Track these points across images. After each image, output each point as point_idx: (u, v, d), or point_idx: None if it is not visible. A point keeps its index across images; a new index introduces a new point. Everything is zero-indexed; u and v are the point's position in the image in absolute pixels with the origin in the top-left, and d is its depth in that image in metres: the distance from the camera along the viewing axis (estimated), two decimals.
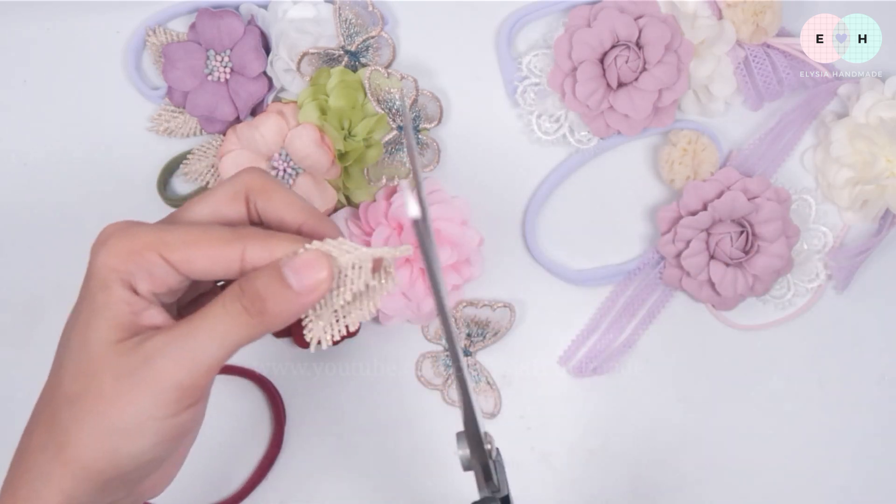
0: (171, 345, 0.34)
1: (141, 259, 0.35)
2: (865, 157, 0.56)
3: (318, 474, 0.56)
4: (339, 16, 0.55)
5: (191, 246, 0.36)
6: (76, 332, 0.36)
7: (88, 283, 0.36)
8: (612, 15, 0.54)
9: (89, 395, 0.34)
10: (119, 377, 0.34)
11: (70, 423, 0.35)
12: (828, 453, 0.58)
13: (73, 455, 0.35)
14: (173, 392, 0.34)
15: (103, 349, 0.35)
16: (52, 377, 0.36)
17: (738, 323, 0.58)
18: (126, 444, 0.34)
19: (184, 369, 0.34)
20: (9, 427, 0.55)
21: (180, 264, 0.36)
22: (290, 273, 0.35)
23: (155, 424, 0.34)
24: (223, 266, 0.36)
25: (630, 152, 0.58)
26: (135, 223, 0.37)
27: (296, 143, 0.53)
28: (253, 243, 0.36)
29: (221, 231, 0.36)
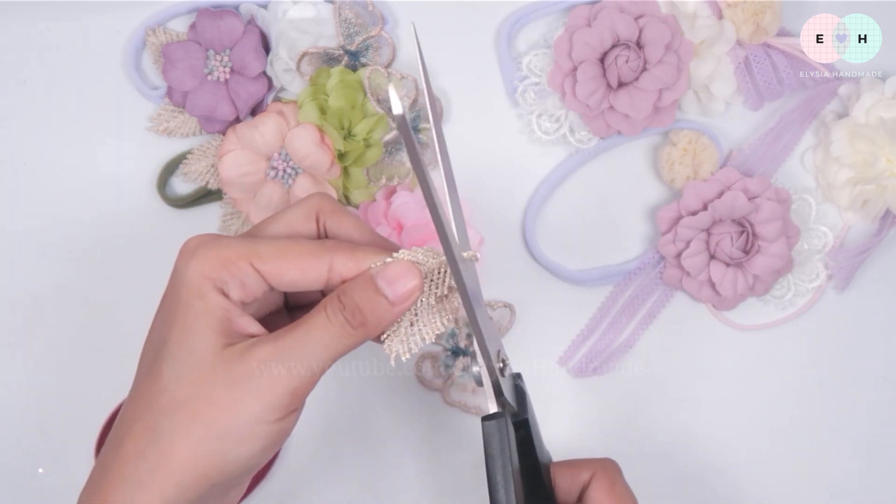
0: (281, 353, 0.36)
1: (234, 268, 0.37)
2: (865, 157, 0.56)
3: (318, 474, 0.56)
4: (339, 16, 0.55)
5: (281, 258, 0.38)
6: (175, 340, 0.36)
7: (179, 291, 0.37)
8: (613, 15, 0.54)
9: (199, 401, 0.36)
10: (231, 384, 0.36)
11: (176, 429, 0.35)
12: (828, 453, 0.58)
13: (181, 461, 0.35)
14: (284, 398, 0.36)
15: (210, 356, 0.36)
16: (149, 385, 0.37)
17: (738, 323, 0.58)
18: (236, 449, 0.36)
19: (296, 377, 0.36)
20: (9, 427, 0.55)
21: (271, 275, 0.37)
22: (384, 284, 0.37)
23: (264, 429, 0.36)
24: (312, 277, 0.38)
25: (630, 152, 0.58)
26: (220, 235, 0.38)
27: (296, 143, 0.53)
28: (340, 255, 0.38)
29: (309, 244, 0.38)
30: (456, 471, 0.56)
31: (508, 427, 0.39)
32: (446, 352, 0.56)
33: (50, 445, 0.55)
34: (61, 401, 0.55)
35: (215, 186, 0.56)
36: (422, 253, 0.39)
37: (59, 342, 0.56)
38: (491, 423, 0.39)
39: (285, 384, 0.36)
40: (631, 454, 0.57)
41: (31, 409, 0.55)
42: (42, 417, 0.55)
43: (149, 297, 0.41)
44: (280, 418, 0.36)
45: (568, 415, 0.57)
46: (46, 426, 0.55)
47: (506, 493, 0.38)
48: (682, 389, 0.58)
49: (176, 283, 0.37)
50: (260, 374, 0.36)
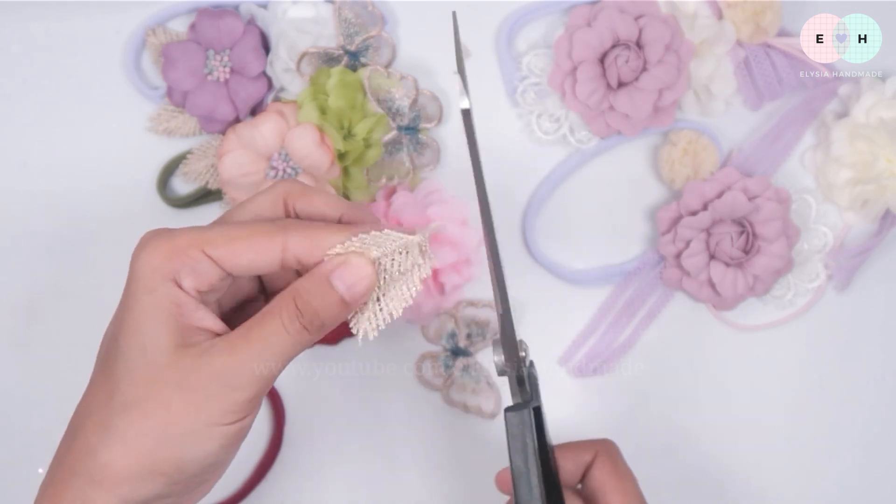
0: (238, 364, 0.36)
1: (185, 256, 0.36)
2: (865, 157, 0.56)
3: (318, 474, 0.56)
4: (339, 15, 0.55)
5: (233, 240, 0.37)
6: (127, 338, 0.36)
7: (131, 286, 0.36)
8: (613, 15, 0.54)
9: (152, 403, 0.35)
10: (186, 389, 0.35)
11: (129, 429, 0.35)
12: (828, 453, 0.58)
13: (135, 460, 0.35)
14: (241, 404, 0.36)
15: (163, 357, 0.36)
16: (102, 382, 0.36)
17: (738, 323, 0.58)
18: (193, 450, 0.36)
19: (251, 382, 0.36)
20: (8, 427, 0.55)
21: (224, 259, 0.36)
22: (342, 286, 0.37)
23: (221, 430, 0.36)
24: (267, 258, 0.37)
25: (630, 152, 0.58)
26: (173, 228, 0.37)
27: (295, 143, 0.53)
28: (294, 234, 0.37)
29: (263, 225, 0.37)
30: (456, 470, 0.56)
31: (531, 416, 0.39)
32: (446, 352, 0.56)
33: (50, 445, 0.55)
34: (61, 401, 0.55)
35: (215, 186, 0.56)
36: (382, 237, 0.38)
37: (59, 342, 0.56)
38: (516, 414, 0.39)
39: (242, 392, 0.36)
40: (631, 454, 0.57)
41: (31, 409, 0.55)
42: (42, 417, 0.55)
43: None
44: (237, 420, 0.36)
45: (568, 415, 0.57)
46: (46, 426, 0.55)
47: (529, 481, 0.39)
48: (682, 389, 0.58)
49: (129, 278, 0.37)
50: (213, 381, 0.35)
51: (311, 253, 0.37)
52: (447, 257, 0.53)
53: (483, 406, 0.56)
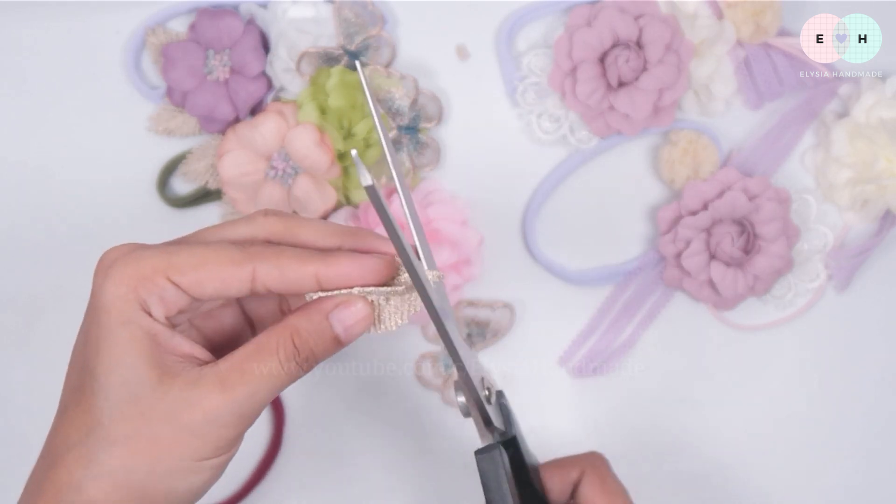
0: (228, 397, 0.35)
1: (151, 284, 0.35)
2: (865, 157, 0.56)
3: (318, 474, 0.56)
4: (339, 15, 0.55)
5: (199, 268, 0.35)
6: (105, 371, 0.35)
7: (100, 315, 0.35)
8: (613, 15, 0.54)
9: (139, 439, 0.34)
10: (174, 424, 0.34)
11: (117, 464, 0.34)
12: (828, 453, 0.58)
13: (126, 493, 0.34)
14: (231, 440, 0.36)
15: (147, 391, 0.34)
16: (81, 415, 0.35)
17: (738, 323, 0.58)
18: (180, 484, 0.35)
19: (242, 419, 0.35)
20: (8, 426, 0.55)
21: (190, 287, 0.35)
22: (339, 326, 0.36)
23: (208, 464, 0.35)
24: (234, 287, 0.36)
25: (630, 152, 0.58)
26: (139, 246, 0.36)
27: (295, 143, 0.53)
28: (263, 263, 0.35)
29: (230, 251, 0.36)
30: (455, 470, 0.56)
31: (503, 456, 0.39)
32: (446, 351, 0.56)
33: None
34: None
35: (215, 186, 0.56)
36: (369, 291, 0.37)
37: (59, 342, 0.56)
38: (485, 457, 0.39)
39: (233, 429, 0.35)
40: (631, 453, 0.57)
41: (31, 409, 0.55)
42: (42, 417, 0.55)
43: None
44: (225, 453, 0.36)
45: (568, 415, 0.57)
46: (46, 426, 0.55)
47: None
48: (681, 389, 0.58)
49: (95, 306, 0.35)
50: (206, 421, 0.35)
51: (282, 284, 0.36)
52: (447, 257, 0.53)
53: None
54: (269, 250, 0.36)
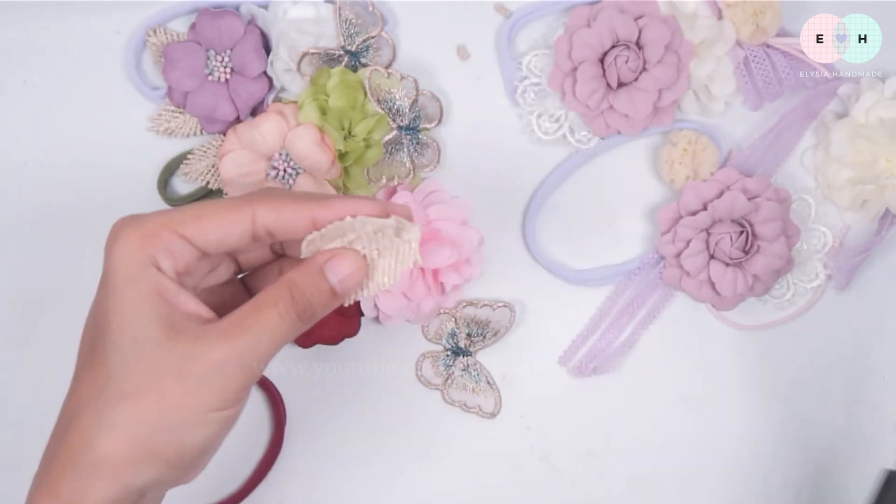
0: (235, 355, 0.36)
1: (157, 239, 0.37)
2: (865, 157, 0.56)
3: (318, 474, 0.56)
4: (339, 16, 0.55)
5: (202, 217, 0.37)
6: (115, 329, 0.36)
7: (110, 277, 0.37)
8: (612, 15, 0.54)
9: (147, 391, 0.36)
10: (183, 378, 0.36)
11: (126, 418, 0.36)
12: (827, 453, 0.58)
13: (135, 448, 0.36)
14: (237, 392, 0.37)
15: (155, 346, 0.36)
16: (93, 374, 0.37)
17: (738, 323, 0.58)
18: (191, 434, 0.36)
19: (245, 370, 0.37)
20: (8, 426, 0.55)
21: (196, 237, 0.37)
22: (335, 279, 0.38)
23: (217, 416, 0.37)
24: (237, 232, 0.38)
25: (630, 152, 0.58)
26: (142, 214, 0.38)
27: (296, 144, 0.53)
28: (261, 206, 0.38)
29: (229, 200, 0.38)
30: (456, 470, 0.56)
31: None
32: (446, 351, 0.56)
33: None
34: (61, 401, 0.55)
35: (216, 186, 0.56)
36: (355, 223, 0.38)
37: (60, 342, 0.56)
38: None
39: (239, 381, 0.37)
40: (631, 453, 0.58)
41: (31, 409, 0.55)
42: (42, 417, 0.55)
43: None
44: (231, 406, 0.37)
45: (568, 415, 0.57)
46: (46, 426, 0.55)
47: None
48: (681, 389, 0.58)
49: (106, 270, 0.37)
50: (211, 372, 0.36)
51: (280, 225, 0.38)
52: (447, 257, 0.53)
53: (483, 406, 0.56)
54: (267, 194, 0.39)
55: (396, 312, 0.54)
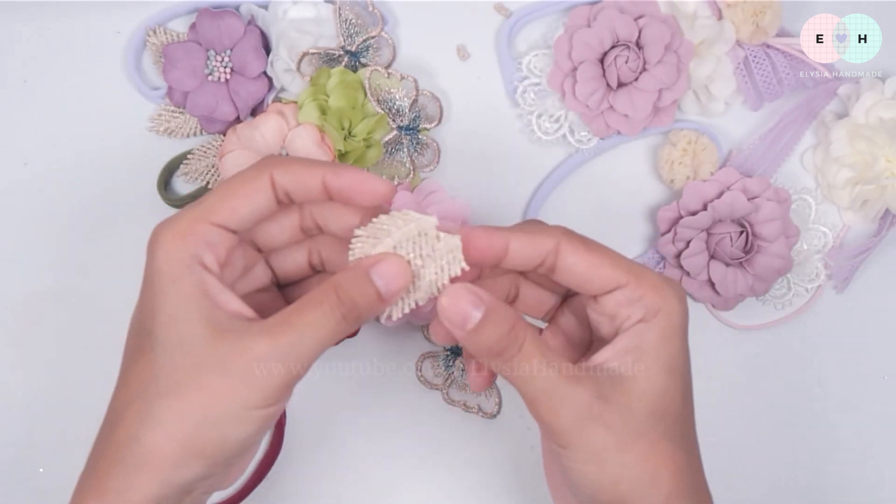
0: (279, 352, 0.37)
1: (194, 234, 0.37)
2: (865, 157, 0.56)
3: (318, 474, 0.56)
4: (339, 16, 0.55)
5: (227, 198, 0.38)
6: (162, 329, 0.37)
7: (154, 279, 0.37)
8: (612, 15, 0.54)
9: (191, 387, 0.36)
10: (227, 374, 0.36)
11: (171, 413, 0.36)
12: (827, 453, 0.58)
13: (179, 444, 0.36)
14: (279, 390, 0.37)
15: (202, 344, 0.37)
16: (139, 372, 0.37)
17: (738, 323, 0.58)
18: (234, 431, 0.37)
19: (292, 372, 0.37)
20: (9, 426, 0.55)
21: (228, 219, 0.38)
22: (380, 281, 0.38)
23: (259, 413, 0.37)
24: (263, 200, 0.39)
25: (630, 152, 0.58)
26: (173, 216, 0.39)
27: (296, 144, 0.53)
28: (276, 169, 0.39)
29: (245, 171, 0.39)
30: (455, 470, 0.56)
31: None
32: (446, 351, 0.56)
33: (50, 445, 0.55)
34: (61, 401, 0.55)
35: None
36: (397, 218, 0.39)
37: (59, 342, 0.56)
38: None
39: (282, 378, 0.37)
40: None
41: (31, 409, 0.55)
42: (42, 417, 0.55)
43: None
44: (272, 405, 0.37)
45: None
46: (46, 426, 0.55)
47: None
48: None
49: (149, 273, 0.38)
50: (255, 368, 0.36)
51: (295, 187, 0.39)
52: None
53: (483, 406, 0.56)
54: (280, 158, 0.40)
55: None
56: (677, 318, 0.40)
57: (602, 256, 0.40)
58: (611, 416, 0.38)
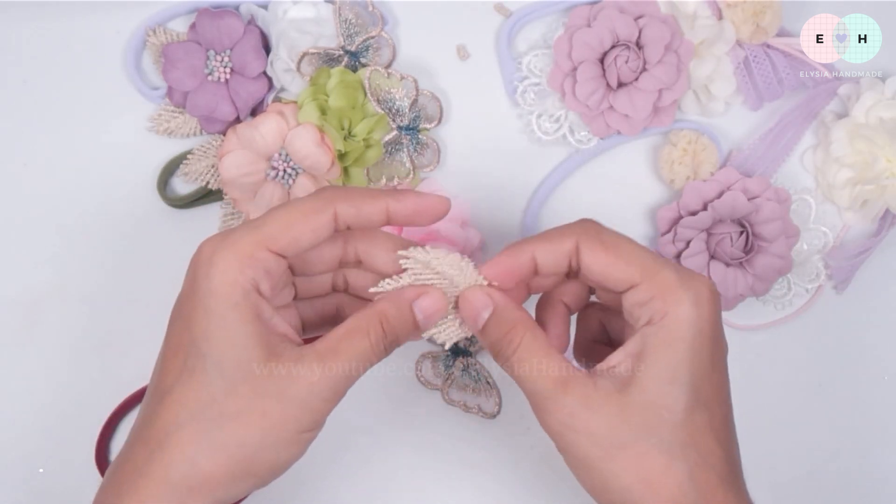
0: (329, 373, 0.38)
1: (255, 261, 0.38)
2: (865, 157, 0.56)
3: (318, 474, 0.56)
4: (339, 16, 0.55)
5: (290, 228, 0.39)
6: (218, 352, 0.37)
7: (210, 299, 0.37)
8: (612, 15, 0.54)
9: (252, 413, 0.37)
10: (282, 399, 0.37)
11: (232, 438, 0.37)
12: (827, 453, 0.58)
13: (236, 467, 0.37)
14: (325, 412, 0.39)
15: (259, 368, 0.37)
16: (193, 394, 0.38)
17: (738, 323, 0.58)
18: (283, 455, 0.39)
19: (337, 394, 0.39)
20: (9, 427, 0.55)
21: (288, 248, 0.39)
22: (421, 314, 0.40)
23: (307, 436, 0.39)
24: (323, 233, 0.39)
25: (630, 152, 0.58)
26: (228, 233, 0.39)
27: (296, 143, 0.53)
28: (340, 203, 0.40)
29: (308, 201, 0.40)
30: (456, 470, 0.56)
31: None
32: (446, 352, 0.56)
33: (50, 445, 0.55)
34: (61, 401, 0.55)
35: (216, 186, 0.56)
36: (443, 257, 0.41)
37: (60, 342, 0.56)
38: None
39: (330, 402, 0.39)
40: None
41: (31, 409, 0.55)
42: (42, 417, 0.55)
43: (149, 297, 0.41)
44: (319, 427, 0.39)
45: None
46: (46, 426, 0.55)
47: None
48: None
49: (202, 293, 0.38)
50: (310, 395, 0.38)
51: (359, 220, 0.40)
52: None
53: (483, 406, 0.56)
54: (343, 190, 0.40)
55: None
56: (686, 322, 0.38)
57: (617, 254, 0.40)
58: (596, 426, 0.38)
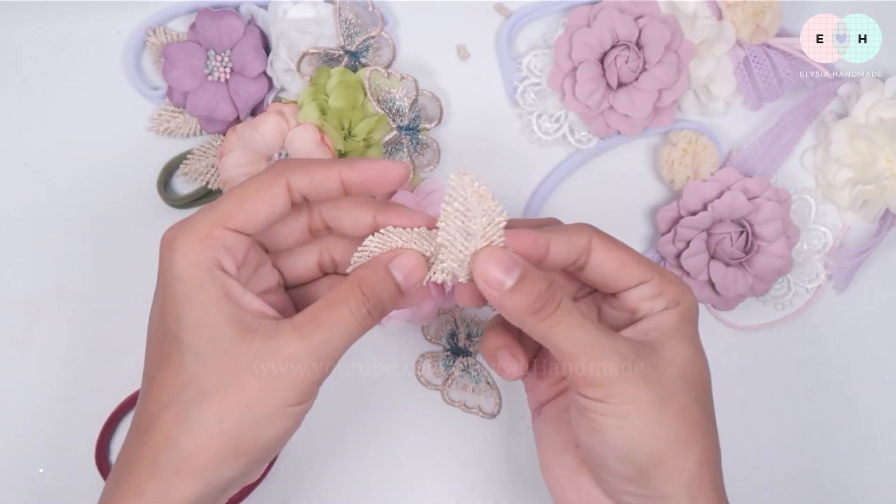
0: (309, 350, 0.38)
1: (213, 238, 0.38)
2: (865, 157, 0.56)
3: (318, 474, 0.56)
4: (339, 16, 0.55)
5: (245, 203, 0.39)
6: (189, 333, 0.37)
7: (176, 284, 0.38)
8: (612, 15, 0.54)
9: (229, 389, 0.37)
10: (259, 373, 0.37)
11: (209, 416, 0.37)
12: (827, 454, 0.58)
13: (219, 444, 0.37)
14: (311, 387, 0.38)
15: (232, 345, 0.37)
16: (171, 377, 0.38)
17: (738, 323, 0.58)
18: (268, 431, 0.38)
19: (320, 365, 0.38)
20: (9, 427, 0.55)
21: (245, 224, 0.39)
22: (401, 276, 0.40)
23: (292, 410, 0.38)
24: (279, 204, 0.39)
25: (630, 152, 0.58)
26: (188, 218, 0.39)
27: (296, 143, 0.53)
28: (293, 174, 0.40)
29: (261, 176, 0.40)
30: (456, 470, 0.56)
31: None
32: (446, 352, 0.56)
33: (50, 445, 0.55)
34: (61, 401, 0.55)
35: (216, 186, 0.56)
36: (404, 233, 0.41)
37: (60, 342, 0.56)
38: None
39: (314, 376, 0.38)
40: None
41: (31, 409, 0.55)
42: (42, 417, 0.55)
43: (149, 297, 0.41)
44: (305, 401, 0.39)
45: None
46: (46, 426, 0.55)
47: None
48: None
49: (168, 279, 0.38)
50: (289, 367, 0.37)
51: (314, 189, 0.40)
52: None
53: (483, 406, 0.56)
54: (296, 162, 0.40)
55: (397, 313, 0.54)
56: (694, 311, 0.42)
57: (628, 254, 0.42)
58: (649, 371, 0.39)
